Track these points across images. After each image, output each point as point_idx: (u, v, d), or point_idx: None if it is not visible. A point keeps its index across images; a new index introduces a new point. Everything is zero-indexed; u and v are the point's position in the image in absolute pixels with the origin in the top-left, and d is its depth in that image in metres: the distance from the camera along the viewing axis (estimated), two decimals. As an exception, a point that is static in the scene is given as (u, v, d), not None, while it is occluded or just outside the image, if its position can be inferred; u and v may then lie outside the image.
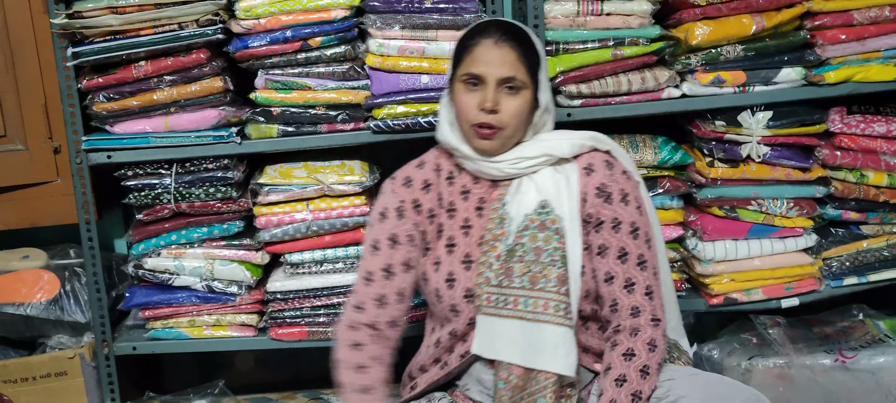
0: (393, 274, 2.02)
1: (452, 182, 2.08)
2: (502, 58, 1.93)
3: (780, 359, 2.60)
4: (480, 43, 1.95)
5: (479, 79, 1.94)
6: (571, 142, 2.00)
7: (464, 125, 1.97)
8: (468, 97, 1.95)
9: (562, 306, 1.89)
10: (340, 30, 2.44)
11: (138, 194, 2.54)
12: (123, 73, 2.43)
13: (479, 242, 2.00)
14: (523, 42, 1.96)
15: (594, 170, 1.98)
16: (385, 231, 2.04)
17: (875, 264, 2.70)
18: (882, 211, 2.67)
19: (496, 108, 1.92)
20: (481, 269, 1.96)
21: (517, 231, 1.95)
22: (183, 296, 2.61)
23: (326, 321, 2.61)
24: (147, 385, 2.86)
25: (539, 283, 1.91)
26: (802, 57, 2.52)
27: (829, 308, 2.84)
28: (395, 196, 2.07)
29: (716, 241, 2.61)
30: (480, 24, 2.02)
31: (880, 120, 2.59)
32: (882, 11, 2.50)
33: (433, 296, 2.02)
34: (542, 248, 1.92)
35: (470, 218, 2.03)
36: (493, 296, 1.93)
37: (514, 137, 1.98)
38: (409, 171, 2.11)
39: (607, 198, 1.95)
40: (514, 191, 2.00)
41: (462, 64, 1.97)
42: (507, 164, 1.99)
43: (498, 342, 1.92)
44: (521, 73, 1.94)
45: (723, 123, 2.53)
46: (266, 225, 2.55)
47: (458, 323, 1.99)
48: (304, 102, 2.48)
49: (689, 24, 2.45)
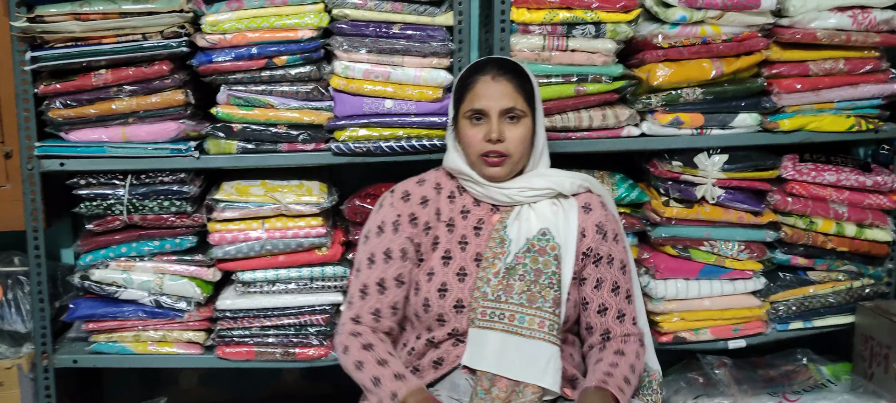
0: (386, 287, 2.11)
1: (454, 201, 2.18)
2: (501, 91, 2.07)
3: (725, 400, 2.63)
4: (480, 80, 2.09)
5: (482, 114, 2.08)
6: (572, 182, 2.16)
7: (472, 156, 2.11)
8: (474, 131, 2.08)
9: (555, 326, 2.02)
10: (307, 50, 2.43)
11: (90, 204, 2.48)
12: (82, 81, 2.39)
13: (476, 258, 2.09)
14: (519, 74, 2.12)
15: (592, 209, 2.15)
16: (382, 245, 2.12)
17: (820, 310, 2.77)
18: (829, 258, 2.73)
19: (502, 138, 2.06)
20: (479, 283, 2.05)
21: (519, 251, 2.06)
22: (129, 310, 2.55)
23: (275, 341, 2.57)
24: (86, 400, 2.79)
25: (537, 302, 2.03)
26: (759, 103, 2.58)
27: (775, 351, 2.89)
28: (393, 209, 2.15)
29: (668, 280, 2.65)
30: (477, 63, 2.17)
31: (831, 169, 2.66)
32: (837, 64, 2.58)
33: (421, 305, 2.08)
34: (542, 271, 2.05)
35: (468, 235, 2.13)
36: (488, 310, 2.03)
37: (519, 163, 2.12)
38: (409, 186, 2.19)
39: (604, 235, 2.14)
40: (515, 217, 2.13)
41: (465, 101, 2.11)
42: (515, 191, 2.12)
43: (488, 353, 2.00)
44: (520, 103, 2.08)
45: (679, 164, 2.58)
46: (220, 241, 2.51)
47: (439, 332, 2.07)
48: (266, 120, 2.46)
49: (651, 65, 2.50)
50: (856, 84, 2.64)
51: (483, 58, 2.26)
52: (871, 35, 2.59)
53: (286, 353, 2.57)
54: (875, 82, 2.65)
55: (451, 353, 2.06)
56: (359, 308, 2.11)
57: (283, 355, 2.57)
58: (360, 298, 2.11)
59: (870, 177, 2.67)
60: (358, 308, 2.12)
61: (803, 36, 2.54)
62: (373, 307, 2.10)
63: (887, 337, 2.62)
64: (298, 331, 2.57)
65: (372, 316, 2.10)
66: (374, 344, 2.05)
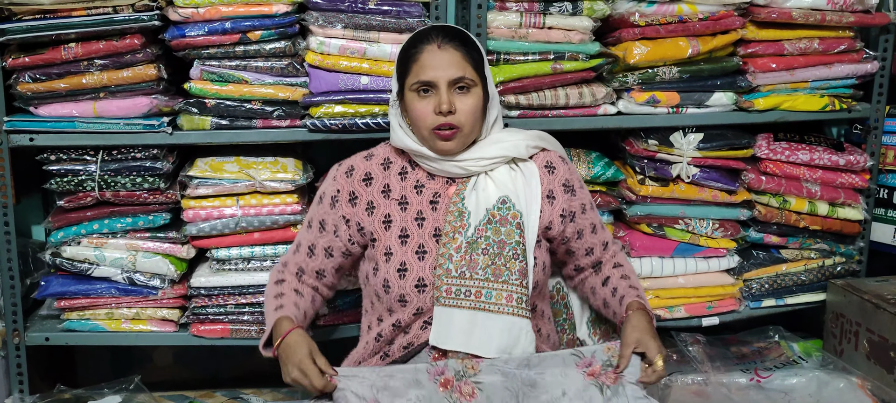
0: (315, 254, 2.15)
1: (405, 177, 2.11)
2: (449, 60, 1.98)
3: (698, 376, 2.65)
4: (424, 50, 2.00)
5: (430, 85, 1.99)
6: (527, 144, 2.10)
7: (423, 131, 2.01)
8: (422, 104, 1.99)
9: (523, 299, 1.98)
10: (281, 25, 2.40)
11: (61, 180, 2.45)
12: (52, 54, 2.35)
13: (435, 234, 2.03)
14: (465, 42, 2.02)
15: (556, 168, 2.12)
16: (318, 213, 2.14)
17: (792, 287, 2.79)
18: (802, 236, 2.76)
19: (452, 109, 1.97)
20: (441, 260, 2.00)
21: (479, 224, 2.01)
22: (102, 287, 2.53)
23: (250, 319, 2.56)
24: (58, 378, 2.76)
25: (502, 275, 1.98)
26: (734, 82, 2.59)
27: (747, 328, 2.92)
28: (335, 184, 2.12)
29: (643, 258, 2.66)
30: (420, 32, 2.06)
31: (804, 148, 2.68)
32: (811, 43, 2.60)
33: (381, 286, 2.04)
34: (506, 242, 2.00)
35: (424, 211, 2.07)
36: (453, 288, 1.98)
37: (472, 135, 2.04)
38: (356, 162, 2.14)
39: (571, 190, 2.12)
40: (472, 187, 2.06)
41: (410, 73, 2.00)
42: (470, 162, 2.05)
43: (455, 332, 1.97)
44: (469, 72, 1.99)
45: (655, 142, 2.58)
46: (193, 218, 2.49)
47: (403, 313, 2.03)
48: (240, 96, 2.44)
49: (627, 43, 2.50)
50: (830, 64, 2.65)
51: (425, 26, 2.15)
52: (846, 15, 2.60)
53: (261, 331, 2.55)
54: (849, 62, 2.67)
55: (421, 337, 2.03)
56: (290, 257, 2.19)
57: (258, 332, 2.56)
58: (294, 251, 2.19)
59: (842, 157, 2.69)
60: (289, 256, 2.20)
61: (779, 15, 2.55)
62: (298, 264, 2.17)
63: (857, 315, 2.65)
64: (273, 309, 2.55)
65: (297, 270, 2.17)
66: (286, 281, 2.15)
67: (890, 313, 2.52)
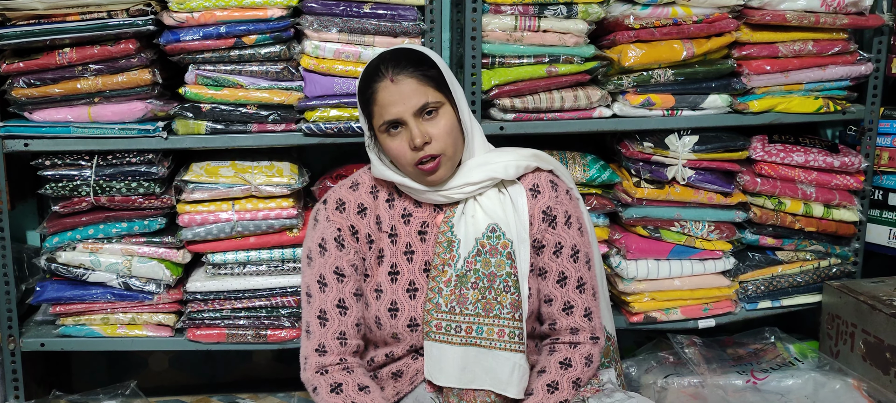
0: (347, 307, 1.98)
1: (392, 205, 2.04)
2: (406, 91, 1.89)
3: (694, 379, 2.65)
4: (379, 88, 1.91)
5: (397, 123, 1.90)
6: (517, 164, 1.99)
7: (407, 168, 1.94)
8: (397, 143, 1.91)
9: (516, 333, 1.91)
10: (276, 29, 2.40)
11: (55, 185, 2.45)
12: (46, 59, 2.34)
13: (425, 268, 1.98)
14: (418, 63, 1.92)
15: (540, 192, 2.00)
16: (329, 264, 1.98)
17: (788, 289, 2.80)
18: (797, 238, 2.76)
19: (427, 139, 1.89)
20: (431, 295, 1.94)
21: (468, 255, 1.94)
22: (97, 293, 2.53)
23: (246, 324, 2.56)
24: (53, 384, 2.76)
25: (493, 310, 1.91)
26: (729, 85, 2.60)
27: (744, 330, 2.92)
28: (331, 224, 2.00)
29: (639, 260, 2.66)
30: (369, 67, 1.96)
31: (799, 150, 2.68)
32: (806, 46, 2.60)
33: (373, 322, 1.99)
34: (496, 274, 1.92)
35: (413, 243, 2.00)
36: (443, 323, 1.93)
37: (456, 155, 1.96)
38: (342, 194, 2.05)
39: (552, 221, 1.98)
40: (460, 214, 1.98)
41: (374, 115, 1.94)
42: (455, 191, 1.97)
43: (448, 368, 1.92)
44: (431, 95, 1.90)
45: (650, 145, 2.58)
46: (189, 223, 2.49)
47: (397, 348, 1.99)
48: (235, 100, 2.44)
49: (622, 46, 2.50)
50: (824, 65, 2.65)
51: (374, 58, 1.99)
52: (840, 17, 2.60)
53: (257, 335, 2.56)
54: (843, 64, 2.67)
55: (411, 367, 1.99)
56: (320, 336, 1.96)
57: (254, 337, 2.56)
58: (320, 326, 1.96)
59: (837, 158, 2.69)
60: (319, 336, 1.96)
61: (773, 17, 2.55)
62: (336, 331, 1.96)
63: (853, 316, 2.66)
64: (270, 313, 2.55)
65: (337, 341, 1.96)
66: (343, 383, 1.91)
67: (886, 314, 2.52)
